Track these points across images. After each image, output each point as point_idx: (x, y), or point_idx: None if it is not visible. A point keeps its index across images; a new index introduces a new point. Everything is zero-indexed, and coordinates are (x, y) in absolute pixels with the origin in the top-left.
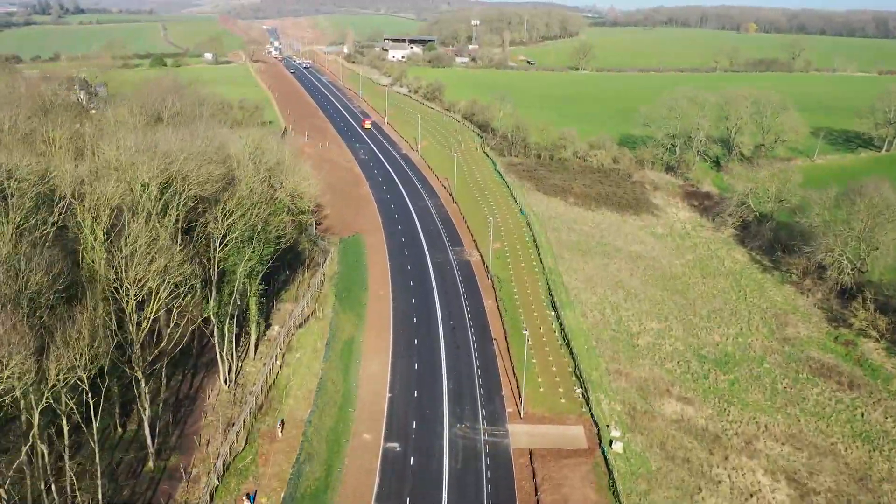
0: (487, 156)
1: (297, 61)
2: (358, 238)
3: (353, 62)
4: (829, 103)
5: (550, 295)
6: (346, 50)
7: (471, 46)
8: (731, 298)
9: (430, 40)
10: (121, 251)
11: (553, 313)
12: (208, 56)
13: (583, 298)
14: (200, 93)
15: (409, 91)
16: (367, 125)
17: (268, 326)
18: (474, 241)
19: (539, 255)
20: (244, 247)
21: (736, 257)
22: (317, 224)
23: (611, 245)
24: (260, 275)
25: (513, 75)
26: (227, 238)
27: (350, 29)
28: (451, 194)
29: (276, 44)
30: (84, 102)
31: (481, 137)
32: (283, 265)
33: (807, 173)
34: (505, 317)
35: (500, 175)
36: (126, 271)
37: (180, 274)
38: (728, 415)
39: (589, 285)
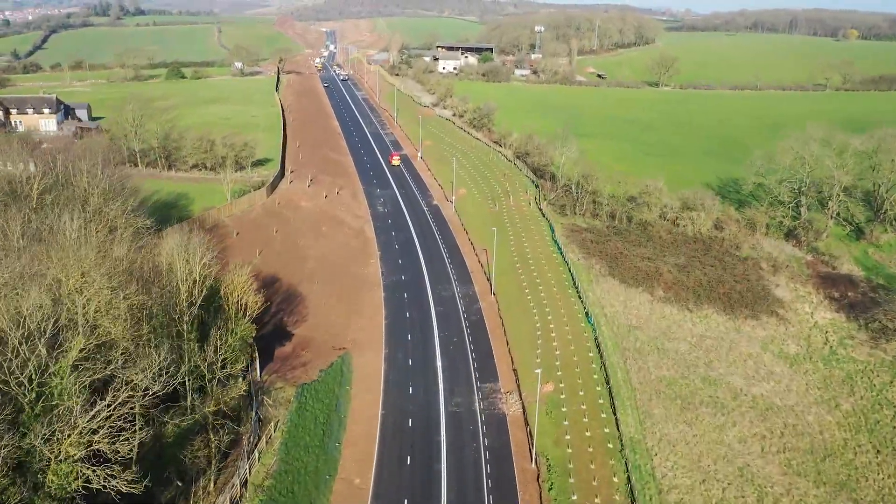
0: (543, 215)
1: (336, 72)
2: (339, 365)
3: (397, 74)
4: None
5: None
6: (390, 59)
7: (533, 56)
8: None
9: (486, 49)
10: None
11: None
12: (237, 65)
13: None
14: (179, 123)
15: (454, 114)
16: (395, 161)
17: None
18: (514, 371)
19: (614, 408)
20: None
21: None
22: (265, 357)
23: (723, 383)
24: None
25: (580, 92)
26: None
27: (398, 34)
28: (488, 279)
29: (332, 47)
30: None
31: (537, 187)
32: (171, 476)
33: None
34: None
35: (559, 248)
36: None
37: None
38: None
39: (697, 476)
